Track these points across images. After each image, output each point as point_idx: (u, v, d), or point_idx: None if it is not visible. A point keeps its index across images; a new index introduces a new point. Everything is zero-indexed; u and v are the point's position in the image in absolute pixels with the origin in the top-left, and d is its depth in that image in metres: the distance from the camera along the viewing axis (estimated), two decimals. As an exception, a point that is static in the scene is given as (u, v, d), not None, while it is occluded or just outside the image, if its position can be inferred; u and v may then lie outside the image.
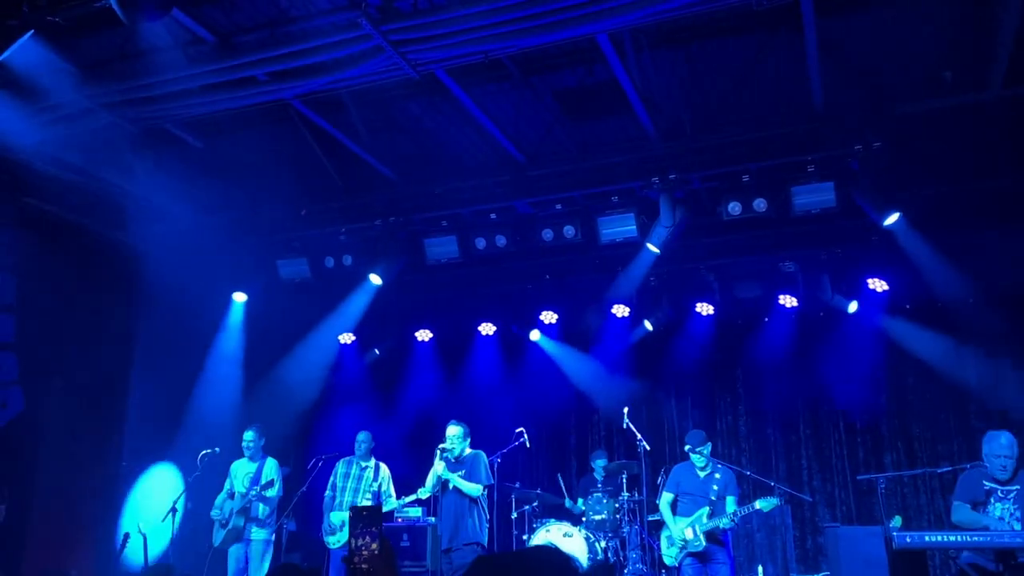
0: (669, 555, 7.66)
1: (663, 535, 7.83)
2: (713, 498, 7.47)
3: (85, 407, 8.78)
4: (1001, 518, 6.01)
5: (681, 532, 7.49)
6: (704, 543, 7.38)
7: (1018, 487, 6.04)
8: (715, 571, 7.40)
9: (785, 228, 8.59)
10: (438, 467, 7.68)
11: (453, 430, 7.90)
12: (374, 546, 2.27)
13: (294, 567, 3.77)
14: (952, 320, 9.75)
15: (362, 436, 8.59)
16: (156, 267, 8.85)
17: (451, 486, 7.66)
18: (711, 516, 7.40)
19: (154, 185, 8.22)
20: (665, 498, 7.77)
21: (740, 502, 7.54)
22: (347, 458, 8.62)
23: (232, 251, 9.27)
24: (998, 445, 6.12)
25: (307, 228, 9.24)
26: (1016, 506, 5.97)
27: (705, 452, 7.59)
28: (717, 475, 7.59)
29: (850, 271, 9.44)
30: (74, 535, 8.68)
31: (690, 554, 7.45)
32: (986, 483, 6.15)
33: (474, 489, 7.62)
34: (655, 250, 8.47)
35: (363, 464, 8.52)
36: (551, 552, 1.73)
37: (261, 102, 7.02)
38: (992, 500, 6.07)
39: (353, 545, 2.30)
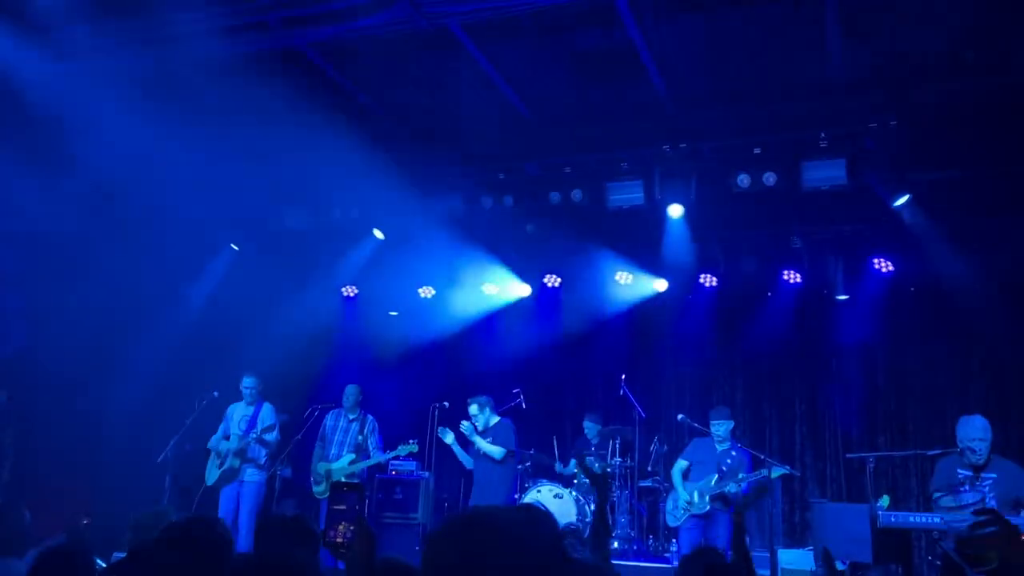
0: (674, 515, 8.02)
1: (670, 497, 8.16)
2: (724, 468, 7.70)
3: (87, 346, 8.82)
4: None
5: (687, 495, 7.81)
6: (709, 506, 7.69)
7: (995, 475, 5.91)
8: (715, 532, 7.62)
9: (794, 204, 8.53)
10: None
11: (471, 408, 8.36)
12: (350, 526, 2.23)
13: (280, 518, 3.82)
14: (957, 305, 9.68)
15: (350, 389, 8.69)
16: (162, 211, 8.84)
17: (480, 452, 8.21)
18: (719, 481, 7.66)
19: (163, 129, 8.16)
20: (679, 465, 8.11)
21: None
22: (335, 410, 8.74)
23: (238, 198, 9.23)
24: (972, 428, 5.96)
25: (314, 178, 9.19)
26: (993, 494, 5.87)
27: (723, 426, 7.93)
28: (733, 452, 7.86)
29: (857, 250, 9.38)
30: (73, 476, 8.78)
31: (693, 516, 7.79)
32: (960, 470, 6.02)
33: (496, 452, 8.13)
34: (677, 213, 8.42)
35: (351, 416, 8.64)
36: (533, 510, 1.61)
37: (272, 48, 6.95)
38: (967, 487, 5.96)
39: (330, 520, 2.26)
